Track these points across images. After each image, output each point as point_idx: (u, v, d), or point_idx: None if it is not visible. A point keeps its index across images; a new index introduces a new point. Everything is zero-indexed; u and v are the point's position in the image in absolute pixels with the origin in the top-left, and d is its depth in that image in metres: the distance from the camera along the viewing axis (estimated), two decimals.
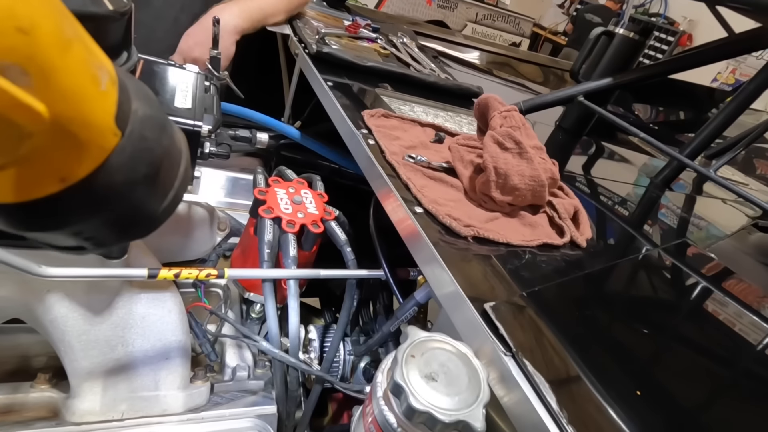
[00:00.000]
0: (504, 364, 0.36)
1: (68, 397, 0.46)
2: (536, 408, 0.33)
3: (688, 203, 1.11)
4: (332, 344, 0.60)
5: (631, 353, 0.44)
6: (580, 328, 0.43)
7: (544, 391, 0.33)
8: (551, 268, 0.52)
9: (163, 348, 0.49)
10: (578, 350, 0.38)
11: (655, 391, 0.38)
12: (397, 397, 0.32)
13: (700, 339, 0.53)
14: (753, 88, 0.99)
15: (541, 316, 0.41)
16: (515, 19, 5.11)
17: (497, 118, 0.63)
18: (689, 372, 0.44)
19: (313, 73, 0.92)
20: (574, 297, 0.50)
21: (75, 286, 0.45)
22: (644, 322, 0.50)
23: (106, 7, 0.36)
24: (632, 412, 0.33)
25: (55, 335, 0.45)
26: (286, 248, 0.56)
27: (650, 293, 0.59)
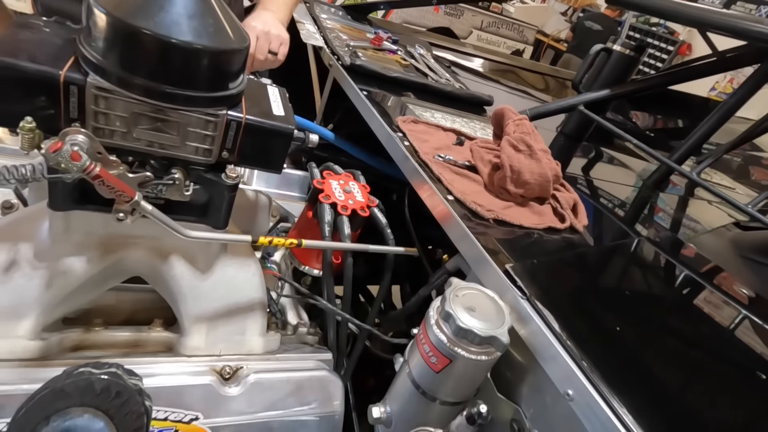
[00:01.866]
0: (521, 305, 0.49)
1: (180, 336, 0.60)
2: (546, 333, 0.46)
3: (676, 203, 1.24)
4: (373, 308, 0.74)
5: (611, 301, 0.58)
6: (574, 285, 0.57)
7: (551, 322, 0.47)
8: (554, 245, 0.66)
9: (248, 302, 0.63)
10: (573, 298, 0.52)
11: (627, 325, 0.52)
12: (447, 322, 0.46)
13: (662, 292, 0.67)
14: (735, 101, 1.13)
15: (547, 275, 0.55)
16: (519, 26, 5.26)
17: (511, 125, 0.77)
18: (649, 316, 0.58)
19: (348, 83, 1.06)
20: (570, 266, 0.64)
21: (190, 251, 0.59)
22: (623, 285, 0.64)
23: (235, 43, 0.49)
24: (610, 330, 0.47)
25: (173, 288, 0.58)
26: (341, 227, 0.70)
27: (630, 268, 0.73)
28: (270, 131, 0.54)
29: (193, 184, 0.53)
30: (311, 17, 1.42)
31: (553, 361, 0.45)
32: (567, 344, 0.45)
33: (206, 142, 0.52)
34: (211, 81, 0.48)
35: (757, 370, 0.55)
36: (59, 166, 0.41)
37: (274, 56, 0.99)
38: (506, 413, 0.52)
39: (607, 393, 0.41)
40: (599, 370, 0.43)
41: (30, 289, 0.51)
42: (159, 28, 0.43)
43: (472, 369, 0.47)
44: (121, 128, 0.48)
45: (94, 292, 0.58)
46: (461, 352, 0.45)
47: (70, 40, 0.47)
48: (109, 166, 0.44)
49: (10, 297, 0.50)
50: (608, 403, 0.40)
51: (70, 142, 0.40)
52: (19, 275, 0.51)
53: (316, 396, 0.60)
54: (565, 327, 0.47)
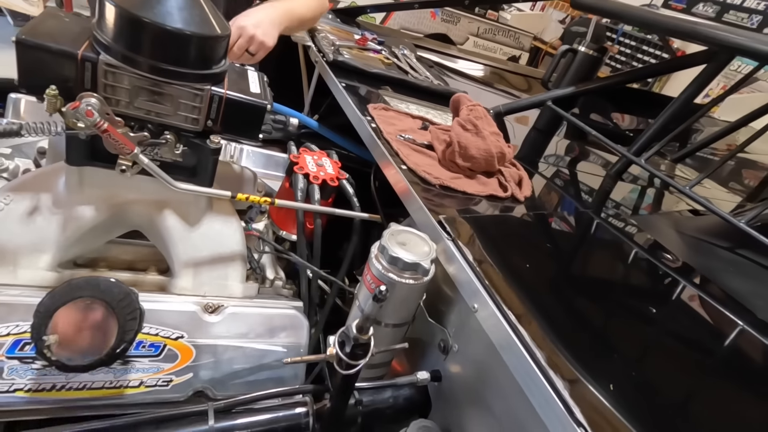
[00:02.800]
0: (447, 244, 0.60)
1: (171, 278, 0.71)
2: (463, 265, 0.57)
3: (635, 192, 1.34)
4: (342, 266, 0.85)
5: (526, 247, 0.69)
6: (499, 236, 0.68)
7: (468, 257, 0.58)
8: (490, 207, 0.77)
9: (230, 252, 0.74)
10: (491, 242, 0.63)
11: (534, 263, 0.63)
12: (383, 254, 0.57)
13: (574, 245, 0.78)
14: (685, 97, 1.23)
15: (475, 226, 0.66)
16: (515, 33, 5.40)
17: (464, 110, 0.89)
18: (559, 260, 0.69)
19: (330, 77, 1.18)
20: (501, 222, 0.75)
21: (181, 206, 0.70)
22: (541, 239, 0.75)
23: (218, 31, 0.61)
24: (517, 265, 0.58)
25: (166, 236, 0.70)
26: (312, 194, 0.81)
27: (562, 231, 0.84)
28: (247, 105, 0.66)
29: (182, 147, 0.64)
30: None
31: (466, 284, 0.56)
32: (477, 270, 0.56)
33: (194, 113, 0.64)
34: (198, 61, 0.60)
35: (654, 311, 0.65)
36: (75, 123, 0.53)
37: (251, 56, 1.08)
38: (437, 335, 0.63)
39: (503, 305, 0.52)
40: (497, 289, 0.53)
41: (49, 230, 0.63)
42: (156, 17, 0.55)
43: (405, 292, 0.58)
44: (124, 98, 0.59)
45: (100, 238, 0.70)
46: (393, 276, 0.56)
47: (87, 28, 0.59)
48: (115, 124, 0.56)
49: (32, 236, 0.62)
50: (503, 313, 0.51)
51: (85, 102, 0.52)
52: (41, 219, 0.63)
53: (285, 330, 0.71)
54: (478, 261, 0.58)
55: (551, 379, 0.44)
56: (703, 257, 0.92)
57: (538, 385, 0.44)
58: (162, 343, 0.61)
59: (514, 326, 0.50)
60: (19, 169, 0.82)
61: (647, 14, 1.20)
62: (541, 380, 0.44)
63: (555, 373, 0.44)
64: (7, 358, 0.53)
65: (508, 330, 0.50)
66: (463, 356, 0.59)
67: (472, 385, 0.58)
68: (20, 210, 0.62)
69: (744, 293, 0.79)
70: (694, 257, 0.87)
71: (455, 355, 0.60)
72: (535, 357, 0.46)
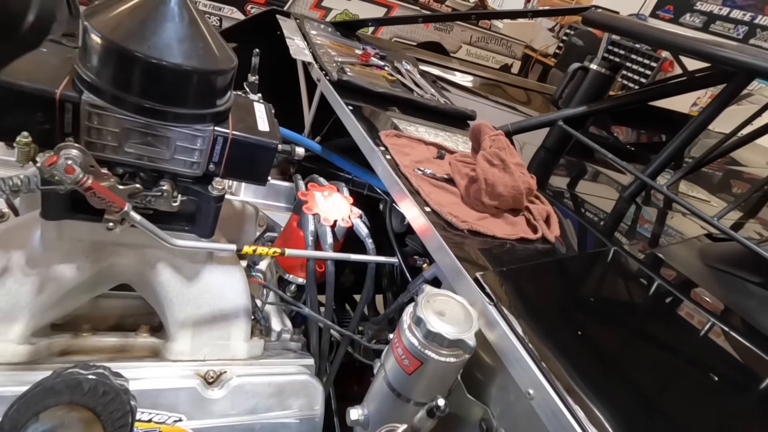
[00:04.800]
0: (489, 310, 0.53)
1: (166, 341, 0.62)
2: (510, 337, 0.50)
3: (651, 216, 1.29)
4: (355, 315, 0.77)
5: (575, 307, 0.61)
6: (541, 292, 0.61)
7: (515, 326, 0.50)
8: (525, 254, 0.70)
9: (233, 308, 0.66)
10: (538, 304, 0.55)
11: (589, 330, 0.56)
12: (418, 326, 0.49)
13: (625, 299, 0.71)
14: (704, 118, 1.18)
15: (515, 283, 0.59)
16: (507, 42, 5.40)
17: (487, 141, 0.82)
18: (611, 322, 0.62)
19: (334, 97, 1.10)
20: (539, 273, 0.68)
21: (177, 259, 0.61)
22: (587, 292, 0.68)
23: (222, 64, 0.53)
24: (572, 335, 0.50)
25: (160, 294, 0.61)
26: (324, 237, 0.73)
27: (597, 276, 0.77)
28: (255, 146, 0.57)
29: (180, 195, 0.56)
30: (301, 33, 1.47)
31: (517, 363, 0.48)
32: (529, 347, 0.48)
33: (194, 156, 0.55)
34: (200, 99, 0.52)
35: (715, 371, 0.59)
36: (53, 179, 0.44)
37: None
38: (476, 413, 0.55)
39: (564, 393, 0.44)
40: (557, 372, 0.46)
41: (21, 295, 0.53)
42: (151, 51, 0.46)
43: (442, 370, 0.50)
44: (112, 143, 0.51)
45: (83, 297, 0.60)
46: (431, 354, 0.48)
47: (67, 60, 0.50)
48: (101, 178, 0.47)
49: (2, 301, 0.52)
50: (564, 402, 0.44)
51: (64, 156, 0.43)
52: (12, 281, 0.53)
53: (297, 399, 0.62)
54: (528, 331, 0.50)
55: None
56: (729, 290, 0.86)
57: None
58: (156, 431, 0.52)
59: (578, 419, 0.42)
60: None
61: (660, 33, 1.15)
62: None
63: None
64: None
65: (572, 423, 0.42)
66: None
67: None
68: None
69: None
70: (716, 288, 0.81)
71: None
72: None
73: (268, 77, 1.29)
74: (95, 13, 0.47)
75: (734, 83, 1.08)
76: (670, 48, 1.13)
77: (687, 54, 1.13)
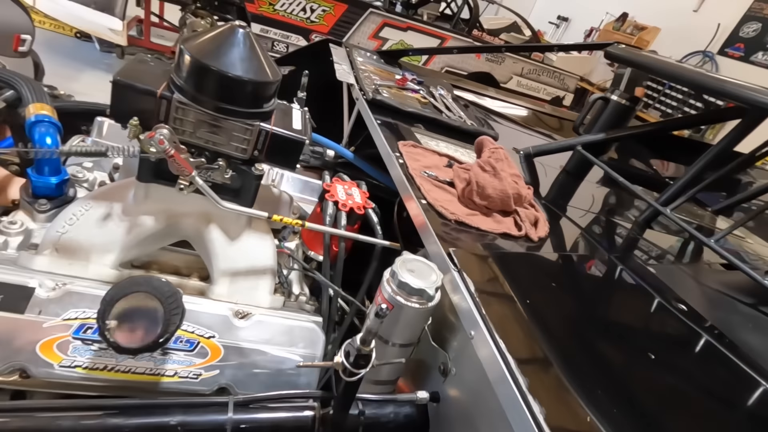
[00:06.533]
0: (453, 275, 0.66)
1: (210, 285, 0.81)
2: (465, 295, 0.63)
3: (659, 240, 1.34)
4: (361, 288, 0.92)
5: (528, 280, 0.73)
6: (502, 271, 0.73)
7: (471, 288, 0.63)
8: (503, 245, 0.82)
9: (262, 266, 0.84)
10: (496, 277, 0.68)
11: (531, 296, 0.67)
12: (393, 278, 0.64)
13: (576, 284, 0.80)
14: (719, 150, 1.24)
15: (482, 261, 0.72)
16: (560, 75, 5.44)
17: (486, 152, 0.96)
18: (553, 295, 0.72)
19: (367, 113, 1.29)
20: (509, 258, 0.80)
21: (224, 222, 0.80)
22: (544, 276, 0.79)
23: (270, 77, 0.72)
24: (514, 297, 0.63)
25: (209, 248, 0.80)
26: (339, 220, 0.90)
27: (570, 269, 0.87)
28: (289, 139, 0.76)
29: (231, 172, 0.75)
30: (348, 60, 1.69)
31: (466, 313, 0.62)
32: (476, 300, 0.61)
33: (243, 144, 0.74)
34: (252, 101, 0.72)
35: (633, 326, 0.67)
36: (148, 148, 0.65)
37: None
38: (438, 358, 0.68)
39: (495, 334, 0.57)
40: (492, 319, 0.59)
41: (116, 234, 0.74)
42: (221, 66, 0.67)
43: (411, 315, 0.64)
44: (189, 129, 0.71)
45: (155, 245, 0.81)
46: (401, 299, 0.63)
47: (166, 71, 0.72)
48: (180, 151, 0.67)
49: (104, 238, 0.74)
50: (494, 341, 0.56)
51: (159, 133, 0.64)
52: (111, 224, 0.74)
53: (303, 341, 0.78)
54: (479, 292, 0.63)
55: (532, 409, 0.48)
56: (717, 310, 0.92)
57: (521, 415, 0.48)
58: (196, 341, 0.70)
59: (503, 354, 0.55)
60: (96, 181, 0.97)
61: (675, 68, 1.23)
62: (524, 409, 0.48)
63: (536, 403, 0.48)
64: (73, 338, 0.63)
65: (498, 357, 0.55)
66: (460, 380, 0.64)
67: (467, 409, 0.62)
68: (96, 216, 0.74)
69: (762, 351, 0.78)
70: (704, 306, 0.87)
71: (453, 378, 0.65)
72: (519, 386, 0.50)
73: (319, 95, 1.52)
74: (187, 40, 0.68)
75: (749, 118, 1.14)
76: (682, 82, 1.21)
77: (697, 89, 1.20)
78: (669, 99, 5.34)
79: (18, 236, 0.75)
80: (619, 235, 1.23)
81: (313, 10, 4.18)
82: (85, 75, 4.00)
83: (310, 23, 4.20)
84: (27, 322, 0.61)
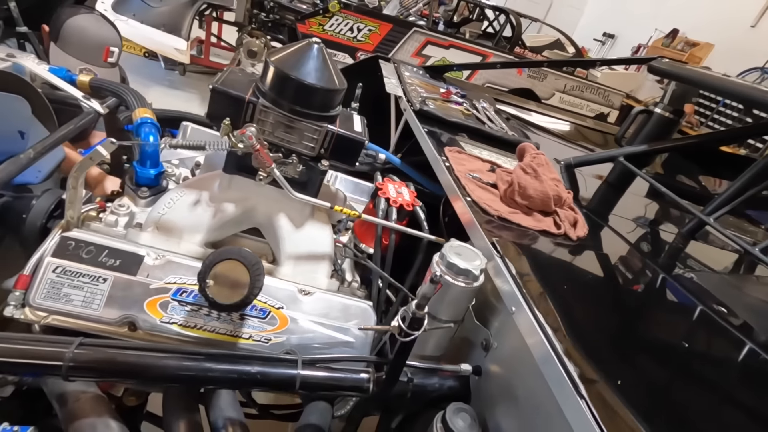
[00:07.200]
0: (497, 261, 0.74)
1: (277, 267, 0.92)
2: (507, 276, 0.70)
3: (703, 250, 1.33)
4: (409, 276, 1.01)
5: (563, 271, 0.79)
6: (541, 261, 0.80)
7: (512, 272, 0.71)
8: (541, 239, 0.89)
9: (322, 252, 0.94)
10: (535, 265, 0.75)
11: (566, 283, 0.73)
12: (441, 260, 0.72)
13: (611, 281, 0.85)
14: (765, 163, 1.24)
15: (521, 250, 0.79)
16: (605, 91, 5.37)
17: (528, 157, 1.03)
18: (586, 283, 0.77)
19: (415, 123, 1.39)
20: (544, 250, 0.86)
21: (291, 211, 0.92)
22: (582, 269, 0.84)
23: (338, 86, 0.84)
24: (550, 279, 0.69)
25: (278, 233, 0.92)
26: (390, 214, 1.00)
27: (605, 263, 0.92)
28: (350, 140, 0.87)
29: (301, 167, 0.87)
30: (396, 74, 1.82)
31: (508, 294, 0.69)
32: (517, 282, 0.68)
33: (312, 143, 0.86)
34: (321, 106, 0.83)
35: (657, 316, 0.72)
36: (236, 144, 0.77)
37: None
38: (480, 335, 0.75)
39: (535, 309, 0.64)
40: (532, 298, 0.65)
41: (203, 217, 0.88)
42: (299, 75, 0.79)
43: (457, 294, 0.72)
44: (269, 129, 0.84)
45: (233, 228, 0.94)
46: (449, 278, 0.71)
47: (252, 80, 0.85)
48: (263, 146, 0.80)
49: (194, 220, 0.87)
50: (534, 315, 0.63)
51: (249, 130, 0.76)
52: (200, 208, 0.88)
53: (357, 318, 0.87)
54: (520, 275, 0.70)
55: (567, 368, 0.54)
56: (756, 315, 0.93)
57: (556, 372, 0.55)
58: (268, 310, 0.81)
59: (542, 326, 0.61)
60: (181, 176, 1.12)
61: (717, 80, 1.26)
62: (559, 368, 0.55)
63: (571, 363, 0.55)
64: (171, 299, 0.76)
65: (537, 328, 0.62)
66: (501, 353, 0.71)
67: (507, 380, 0.69)
68: (188, 201, 0.88)
69: None
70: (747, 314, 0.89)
71: (494, 352, 0.72)
72: (555, 348, 0.57)
73: (368, 106, 1.64)
74: (272, 54, 0.82)
75: None
76: (725, 94, 1.23)
77: (741, 101, 1.21)
78: (723, 117, 5.14)
79: (125, 217, 0.90)
80: (661, 244, 1.25)
81: (360, 30, 4.40)
82: (151, 90, 4.39)
83: (356, 42, 4.42)
84: (138, 282, 0.74)
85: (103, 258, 0.74)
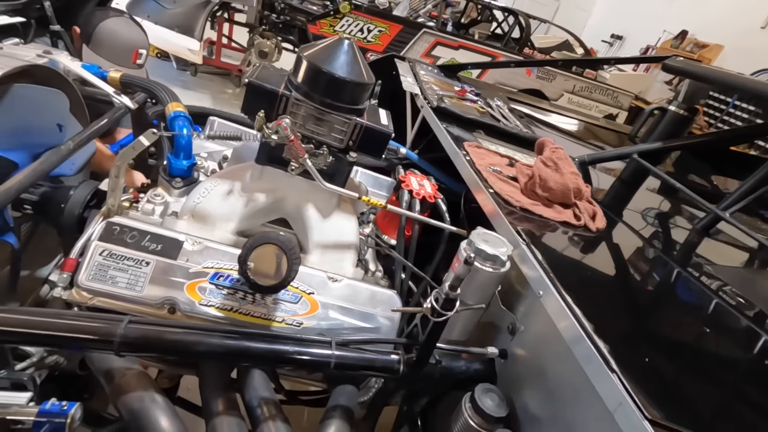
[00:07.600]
0: (522, 248, 0.77)
1: (305, 255, 0.95)
2: (532, 260, 0.73)
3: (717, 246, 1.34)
4: (432, 265, 1.03)
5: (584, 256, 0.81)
6: (564, 248, 0.82)
7: (538, 257, 0.73)
8: (563, 232, 0.91)
9: (347, 242, 0.97)
10: (559, 252, 0.77)
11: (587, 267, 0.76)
12: (469, 246, 0.75)
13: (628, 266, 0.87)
14: None
15: (544, 238, 0.81)
16: (613, 92, 5.37)
17: (547, 151, 1.06)
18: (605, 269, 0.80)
19: (433, 119, 1.42)
20: (565, 238, 0.89)
21: (319, 201, 0.95)
22: (599, 255, 0.87)
23: (366, 80, 0.87)
24: (574, 264, 0.72)
25: (306, 222, 0.95)
26: (413, 207, 1.02)
27: (615, 254, 0.94)
28: (378, 132, 0.90)
29: (331, 158, 0.90)
30: (412, 73, 1.85)
31: (535, 279, 0.71)
32: (544, 266, 0.71)
33: (341, 135, 0.89)
34: (351, 99, 0.86)
35: None
36: (270, 135, 0.81)
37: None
38: (506, 320, 0.78)
39: (563, 291, 0.66)
40: (560, 280, 0.68)
41: (236, 206, 0.91)
42: (331, 68, 0.82)
43: (484, 278, 0.75)
44: (300, 121, 0.87)
45: (263, 218, 0.97)
46: (477, 264, 0.74)
47: (284, 75, 0.89)
48: (296, 137, 0.83)
49: (227, 209, 0.90)
50: (562, 297, 0.66)
51: (284, 121, 0.80)
52: (232, 198, 0.91)
53: (383, 305, 0.90)
54: (545, 258, 0.73)
55: (597, 344, 0.57)
56: None
57: (591, 357, 0.57)
58: (300, 295, 0.84)
59: (571, 308, 0.64)
60: (210, 169, 1.15)
61: (733, 78, 1.28)
62: (589, 345, 0.58)
63: (600, 339, 0.57)
64: (209, 283, 0.79)
65: (566, 310, 0.64)
66: (527, 336, 0.73)
67: (533, 362, 0.71)
68: (222, 191, 0.91)
69: None
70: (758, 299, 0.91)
71: (521, 335, 0.74)
72: (584, 327, 0.59)
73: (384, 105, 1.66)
74: (305, 49, 0.85)
75: None
76: (739, 91, 1.25)
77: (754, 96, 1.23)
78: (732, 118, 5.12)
79: (160, 206, 0.93)
80: (677, 237, 1.27)
81: (370, 31, 4.45)
82: None
83: (366, 43, 4.47)
84: (179, 266, 0.78)
85: (146, 243, 0.77)
